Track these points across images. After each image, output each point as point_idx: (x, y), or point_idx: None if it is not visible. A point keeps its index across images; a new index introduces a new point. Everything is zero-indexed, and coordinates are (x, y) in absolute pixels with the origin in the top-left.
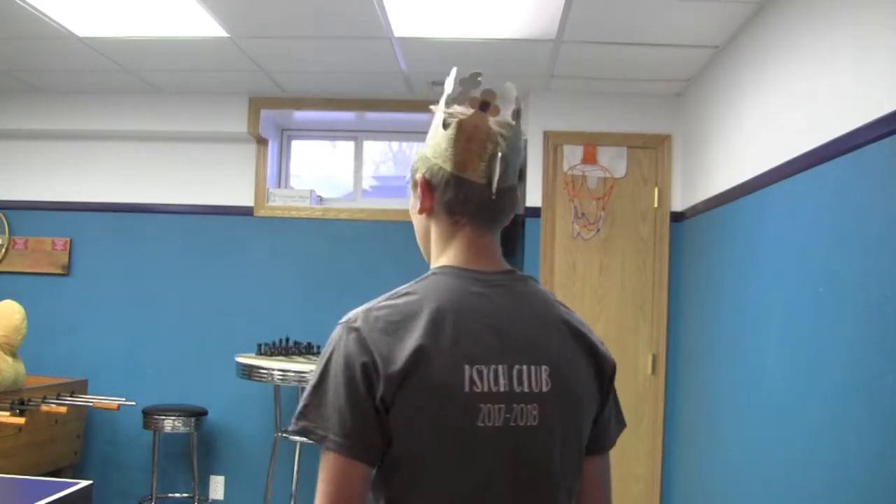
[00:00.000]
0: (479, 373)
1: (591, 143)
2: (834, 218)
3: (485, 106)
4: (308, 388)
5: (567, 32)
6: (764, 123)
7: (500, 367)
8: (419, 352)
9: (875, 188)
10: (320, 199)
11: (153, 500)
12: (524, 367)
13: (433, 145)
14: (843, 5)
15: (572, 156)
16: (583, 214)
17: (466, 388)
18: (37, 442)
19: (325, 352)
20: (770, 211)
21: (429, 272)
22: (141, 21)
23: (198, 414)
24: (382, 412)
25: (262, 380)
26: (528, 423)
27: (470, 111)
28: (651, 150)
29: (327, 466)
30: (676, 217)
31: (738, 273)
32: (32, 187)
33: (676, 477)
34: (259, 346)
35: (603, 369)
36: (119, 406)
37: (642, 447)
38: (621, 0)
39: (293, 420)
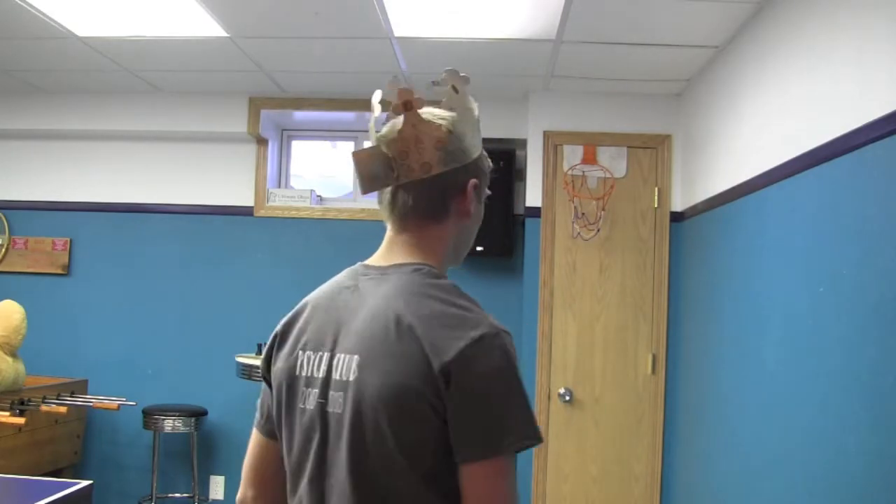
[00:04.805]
0: (308, 359)
1: (591, 143)
2: (834, 218)
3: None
4: None
5: (567, 32)
6: (764, 123)
7: (325, 355)
8: (274, 338)
9: (875, 188)
10: (320, 199)
11: (153, 500)
12: (342, 356)
13: None
14: (843, 5)
15: (572, 156)
16: (583, 214)
17: (297, 372)
18: (37, 442)
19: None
20: (770, 211)
21: None
22: (141, 21)
23: (198, 414)
24: (266, 388)
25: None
26: (336, 410)
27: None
28: (651, 150)
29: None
30: (676, 217)
31: (738, 273)
32: (32, 187)
33: (676, 477)
34: (259, 346)
35: (432, 368)
36: (119, 406)
37: (642, 447)
38: (621, 0)
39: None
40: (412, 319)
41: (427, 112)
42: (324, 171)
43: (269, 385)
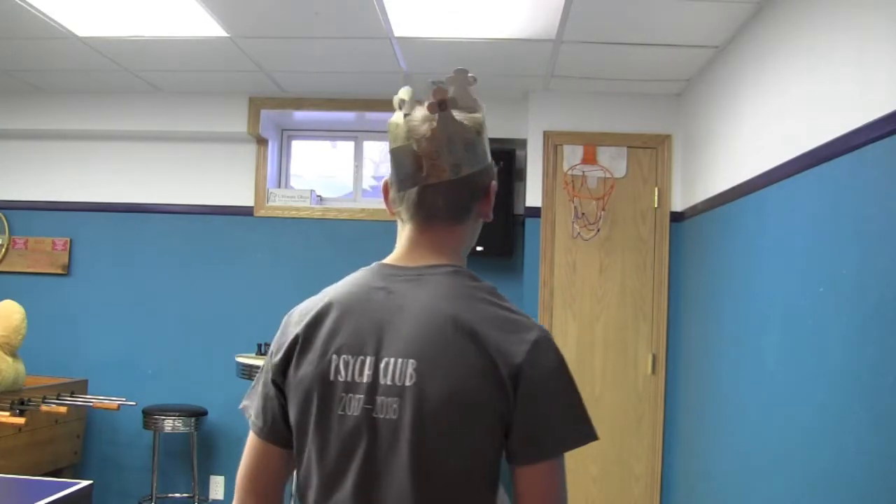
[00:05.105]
0: (346, 363)
1: (591, 143)
2: (834, 218)
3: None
4: None
5: (567, 32)
6: (764, 123)
7: (368, 359)
8: (294, 341)
9: (875, 188)
10: (320, 199)
11: (153, 500)
12: (391, 360)
13: None
14: (843, 5)
15: (572, 156)
16: (583, 214)
17: (331, 377)
18: (37, 442)
19: None
20: (770, 211)
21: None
22: (141, 21)
23: (198, 414)
24: (272, 392)
25: None
26: (388, 416)
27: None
28: (651, 150)
29: None
30: (676, 217)
31: (738, 273)
32: (32, 187)
33: (676, 477)
34: (259, 346)
35: (499, 371)
36: (119, 406)
37: (642, 447)
38: (621, 0)
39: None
40: (471, 322)
41: (454, 112)
42: (324, 171)
43: (280, 390)
